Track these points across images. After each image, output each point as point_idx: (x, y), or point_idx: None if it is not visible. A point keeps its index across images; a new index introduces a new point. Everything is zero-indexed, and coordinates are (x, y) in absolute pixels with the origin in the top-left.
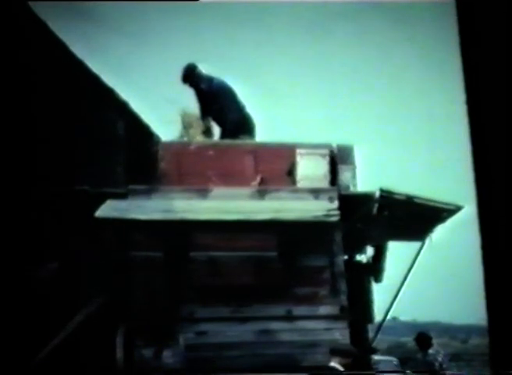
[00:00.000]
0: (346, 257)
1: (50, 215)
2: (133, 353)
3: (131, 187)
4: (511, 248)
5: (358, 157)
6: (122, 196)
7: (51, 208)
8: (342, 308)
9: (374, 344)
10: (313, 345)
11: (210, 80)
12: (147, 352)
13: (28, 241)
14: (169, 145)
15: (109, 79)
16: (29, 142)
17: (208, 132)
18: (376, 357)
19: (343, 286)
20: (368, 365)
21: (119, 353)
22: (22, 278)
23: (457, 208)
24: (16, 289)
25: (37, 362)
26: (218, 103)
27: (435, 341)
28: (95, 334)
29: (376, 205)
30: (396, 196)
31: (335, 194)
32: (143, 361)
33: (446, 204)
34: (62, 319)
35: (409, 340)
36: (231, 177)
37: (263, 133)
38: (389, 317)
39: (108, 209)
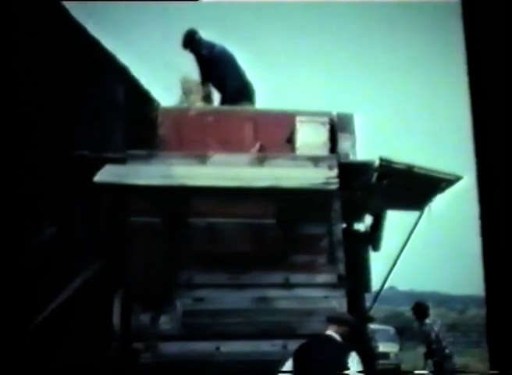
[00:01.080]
0: (344, 225)
1: (48, 180)
2: (130, 319)
3: (130, 152)
4: (510, 218)
5: (358, 125)
6: (121, 161)
7: (49, 173)
8: (339, 277)
9: (371, 313)
10: (310, 313)
11: (211, 46)
12: (145, 318)
13: (26, 207)
14: (169, 111)
15: (109, 44)
16: (28, 107)
17: (207, 98)
18: (373, 326)
19: (340, 254)
20: (365, 334)
21: (116, 318)
22: (20, 243)
23: (457, 179)
24: (14, 254)
25: (34, 327)
26: (218, 69)
27: (432, 311)
28: (93, 300)
29: (375, 174)
30: (396, 165)
31: (334, 162)
32: (140, 326)
33: (446, 174)
34: (60, 284)
35: (406, 309)
36: (230, 144)
37: (263, 101)
38: (386, 286)
39: (107, 174)
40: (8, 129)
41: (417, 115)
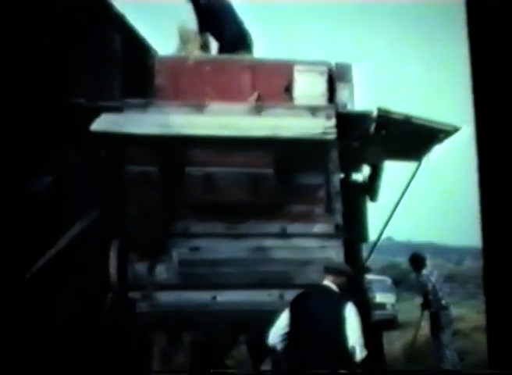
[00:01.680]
0: (342, 176)
1: (44, 128)
2: (127, 268)
3: (127, 100)
4: (508, 169)
5: (356, 76)
6: (118, 110)
7: (45, 122)
8: (337, 227)
9: (368, 264)
10: (307, 263)
11: None
12: (141, 267)
13: (22, 155)
14: (166, 60)
15: None
16: (23, 56)
17: (205, 47)
18: (370, 276)
19: (338, 205)
20: (362, 284)
21: (113, 268)
22: (15, 193)
23: (455, 129)
24: (9, 203)
25: (31, 276)
26: (216, 18)
27: (429, 262)
28: (88, 249)
29: (374, 124)
30: (394, 116)
31: (332, 112)
32: (136, 276)
33: (444, 124)
34: (56, 233)
35: (403, 260)
36: (228, 93)
37: (261, 51)
38: (383, 237)
39: (104, 123)
40: (3, 77)
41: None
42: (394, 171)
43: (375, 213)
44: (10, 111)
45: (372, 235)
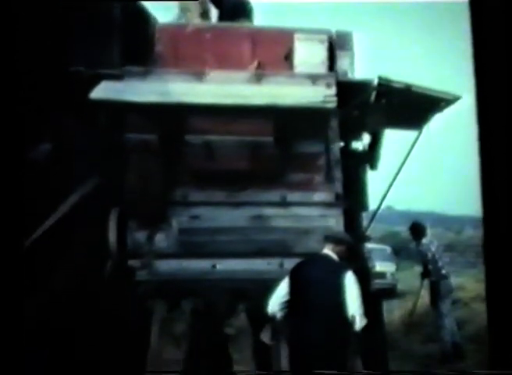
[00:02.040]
0: (342, 144)
1: (43, 96)
2: (126, 236)
3: (127, 68)
4: (508, 138)
5: (357, 44)
6: (118, 77)
7: (45, 90)
8: (336, 196)
9: (368, 233)
10: (307, 232)
11: None
12: (140, 235)
13: (21, 123)
14: (166, 27)
15: None
16: (22, 23)
17: (205, 15)
18: (370, 245)
19: (338, 173)
20: (362, 253)
21: (112, 236)
22: (15, 160)
23: (455, 98)
24: (8, 171)
25: (30, 244)
26: None
27: (428, 231)
28: (88, 217)
29: (374, 93)
30: (395, 84)
31: (332, 81)
32: (135, 244)
33: (444, 93)
34: (56, 201)
35: (403, 229)
36: (228, 61)
37: (261, 19)
38: (383, 206)
39: (103, 91)
40: (1, 46)
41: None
42: (394, 140)
43: (375, 182)
44: (9, 79)
45: (372, 204)
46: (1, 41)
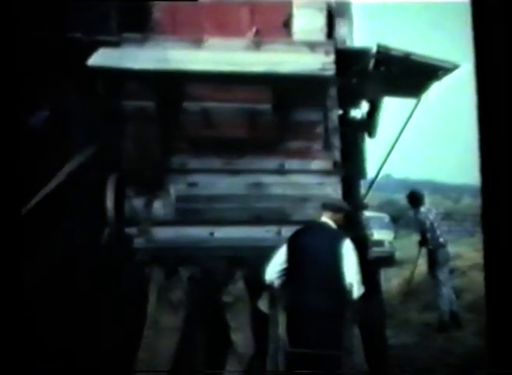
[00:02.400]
0: (340, 112)
1: (41, 63)
2: (124, 203)
3: (124, 35)
4: (507, 107)
5: (356, 12)
6: (116, 44)
7: (42, 57)
8: (335, 164)
9: (366, 201)
10: (304, 200)
11: None
12: (138, 203)
13: (19, 90)
14: None
15: None
16: None
17: None
18: (368, 213)
19: (336, 141)
20: (360, 221)
21: (109, 203)
22: (12, 127)
23: (454, 67)
24: (6, 138)
25: (28, 211)
26: None
27: (427, 200)
28: (86, 184)
29: (373, 61)
30: (393, 52)
31: (331, 48)
32: (133, 211)
33: (443, 62)
34: (53, 169)
35: (401, 197)
36: (226, 28)
37: None
38: (381, 174)
39: (101, 58)
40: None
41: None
42: (393, 108)
43: (373, 150)
44: (7, 46)
45: (370, 172)
46: (0, 7)
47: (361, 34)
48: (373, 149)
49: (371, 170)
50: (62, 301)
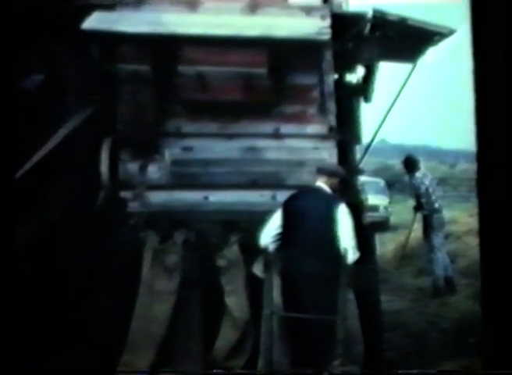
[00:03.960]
0: (336, 76)
1: (36, 26)
2: (118, 167)
3: None
4: (503, 72)
5: None
6: (110, 8)
7: (36, 20)
8: (330, 128)
9: (361, 166)
10: (300, 164)
11: None
12: (133, 166)
13: (13, 53)
14: None
15: None
16: None
17: None
18: (363, 178)
19: (331, 105)
20: (355, 186)
21: (104, 167)
22: (7, 90)
23: (450, 32)
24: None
25: (22, 175)
26: None
27: (422, 165)
28: (80, 147)
29: (368, 25)
30: (389, 17)
31: (327, 13)
32: (128, 175)
33: (439, 27)
34: (48, 131)
35: (396, 162)
36: None
37: None
38: (377, 139)
39: (96, 21)
40: None
41: None
42: (389, 72)
43: (369, 115)
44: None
45: (366, 137)
46: None
47: None
48: (369, 114)
49: (366, 135)
50: (56, 264)
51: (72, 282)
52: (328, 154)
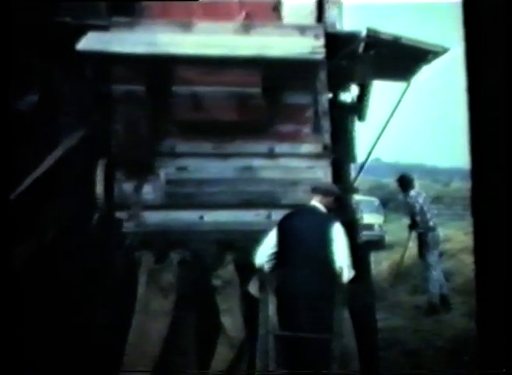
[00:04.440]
0: (330, 95)
1: (30, 47)
2: (113, 187)
3: (113, 19)
4: (497, 90)
5: None
6: (105, 28)
7: (30, 41)
8: (324, 147)
9: (355, 184)
10: (294, 183)
11: None
12: (128, 187)
13: (8, 74)
14: None
15: None
16: None
17: None
18: (358, 197)
19: (326, 124)
20: (350, 205)
21: (99, 187)
22: (1, 111)
23: (444, 50)
24: None
25: (17, 195)
26: None
27: (417, 183)
28: (75, 168)
29: (362, 45)
30: (383, 36)
31: (321, 32)
32: (123, 195)
33: (433, 45)
34: (42, 153)
35: (391, 181)
36: (216, 11)
37: None
38: (371, 158)
39: (90, 42)
40: None
41: None
42: (383, 91)
43: (363, 133)
44: None
45: (360, 156)
46: None
47: (351, 17)
48: (363, 133)
49: (361, 154)
50: (50, 285)
51: (68, 302)
52: (322, 173)
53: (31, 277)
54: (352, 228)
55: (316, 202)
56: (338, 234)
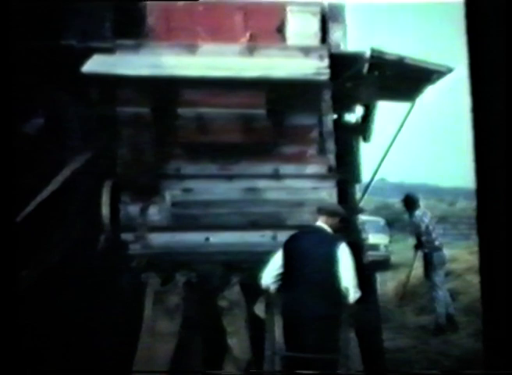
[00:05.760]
0: (335, 116)
1: (36, 70)
2: (119, 210)
3: (118, 42)
4: (501, 109)
5: (350, 16)
6: (110, 51)
7: (36, 64)
8: (329, 168)
9: (361, 205)
10: (300, 204)
11: None
12: (133, 209)
13: (14, 97)
14: (158, 0)
15: None
16: None
17: None
18: (363, 217)
19: (331, 145)
20: (355, 225)
21: (105, 210)
22: (7, 134)
23: (448, 70)
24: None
25: (23, 218)
26: None
27: (422, 203)
28: (81, 191)
29: (367, 65)
30: (387, 56)
31: (325, 53)
32: (129, 217)
33: (437, 65)
34: (48, 175)
35: (396, 201)
36: (220, 33)
37: None
38: (376, 178)
39: (96, 64)
40: None
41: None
42: (388, 112)
43: (368, 154)
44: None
45: (365, 176)
46: None
47: (355, 37)
48: (368, 153)
49: (366, 174)
50: (57, 308)
51: (73, 325)
52: (328, 193)
53: (37, 300)
54: (357, 248)
55: (321, 223)
56: (344, 255)
